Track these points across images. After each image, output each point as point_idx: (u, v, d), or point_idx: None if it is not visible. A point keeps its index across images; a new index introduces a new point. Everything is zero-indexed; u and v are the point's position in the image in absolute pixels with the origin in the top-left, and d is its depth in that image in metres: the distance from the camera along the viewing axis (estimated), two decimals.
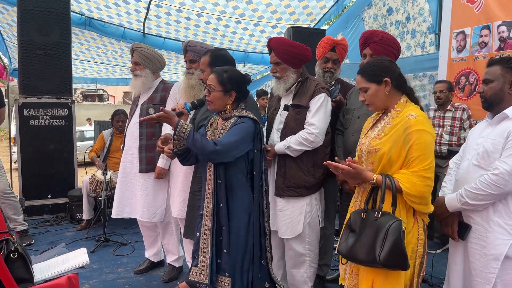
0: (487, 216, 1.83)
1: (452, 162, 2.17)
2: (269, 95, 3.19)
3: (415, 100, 1.87)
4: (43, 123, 4.65)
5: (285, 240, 2.60)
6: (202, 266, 2.05)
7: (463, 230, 1.92)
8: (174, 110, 2.10)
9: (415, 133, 1.71)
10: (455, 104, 3.93)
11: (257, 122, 2.08)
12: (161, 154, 2.99)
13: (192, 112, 2.84)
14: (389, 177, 1.74)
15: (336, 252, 1.91)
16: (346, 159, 1.80)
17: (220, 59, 2.63)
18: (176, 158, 2.23)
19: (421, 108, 1.86)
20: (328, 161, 1.81)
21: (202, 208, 2.11)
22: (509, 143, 1.77)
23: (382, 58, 1.95)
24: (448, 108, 3.92)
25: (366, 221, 1.74)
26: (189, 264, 2.32)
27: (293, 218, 2.53)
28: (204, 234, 2.07)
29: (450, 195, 1.96)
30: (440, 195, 2.06)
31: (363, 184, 1.86)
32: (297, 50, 2.54)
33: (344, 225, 1.90)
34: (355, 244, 1.74)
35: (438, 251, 3.63)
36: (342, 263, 1.93)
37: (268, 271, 2.15)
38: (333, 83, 2.98)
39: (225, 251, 2.03)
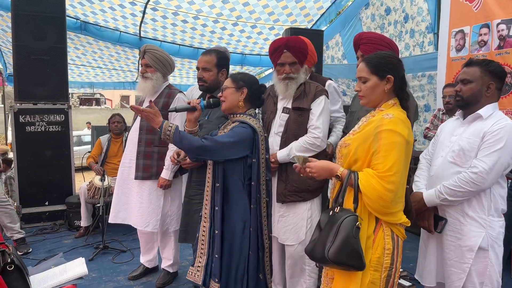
0: (462, 210, 1.94)
1: (422, 157, 2.26)
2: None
3: (405, 107, 1.71)
4: (39, 129, 4.59)
5: (286, 248, 2.53)
6: (198, 267, 2.10)
7: (438, 223, 2.02)
8: (189, 103, 2.16)
9: (385, 133, 1.57)
10: None
11: (256, 132, 2.06)
12: (166, 165, 2.95)
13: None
14: (355, 173, 1.62)
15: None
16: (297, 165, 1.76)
17: (226, 61, 2.72)
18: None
19: (410, 117, 1.69)
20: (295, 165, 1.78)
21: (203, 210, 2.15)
22: (486, 143, 1.87)
23: (391, 53, 1.76)
24: (455, 114, 3.87)
25: (331, 219, 1.64)
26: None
27: (295, 224, 2.47)
28: (202, 236, 2.11)
29: (428, 191, 2.03)
30: (414, 190, 2.12)
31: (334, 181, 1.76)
32: (307, 46, 2.49)
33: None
34: (316, 242, 1.62)
35: None
36: (317, 266, 1.84)
37: (266, 286, 2.10)
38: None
39: (216, 256, 2.02)
